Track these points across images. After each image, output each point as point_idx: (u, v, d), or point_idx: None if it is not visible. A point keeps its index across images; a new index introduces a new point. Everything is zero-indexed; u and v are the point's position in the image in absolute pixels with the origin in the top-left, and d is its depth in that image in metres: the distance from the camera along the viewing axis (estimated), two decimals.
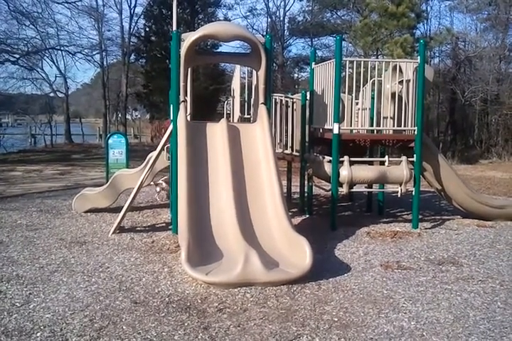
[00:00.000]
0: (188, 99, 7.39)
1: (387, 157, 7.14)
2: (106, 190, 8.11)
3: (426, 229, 7.21)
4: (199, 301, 4.30)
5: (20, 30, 24.14)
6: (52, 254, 5.71)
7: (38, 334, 3.62)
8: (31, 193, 10.18)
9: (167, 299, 4.34)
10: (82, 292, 4.48)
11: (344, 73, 7.12)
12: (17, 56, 24.98)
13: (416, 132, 7.10)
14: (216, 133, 6.47)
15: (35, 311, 4.04)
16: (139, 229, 7.06)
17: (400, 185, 7.04)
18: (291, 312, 4.07)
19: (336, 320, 3.94)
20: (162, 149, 7.19)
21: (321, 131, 7.56)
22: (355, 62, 7.23)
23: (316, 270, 4.93)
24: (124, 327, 3.74)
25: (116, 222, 6.78)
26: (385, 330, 3.76)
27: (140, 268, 5.22)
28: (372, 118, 7.31)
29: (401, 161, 7.08)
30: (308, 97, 7.97)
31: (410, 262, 5.56)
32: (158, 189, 8.97)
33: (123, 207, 6.89)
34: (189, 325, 3.80)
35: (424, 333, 3.72)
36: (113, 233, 6.68)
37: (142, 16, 29.56)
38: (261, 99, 6.70)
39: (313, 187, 8.10)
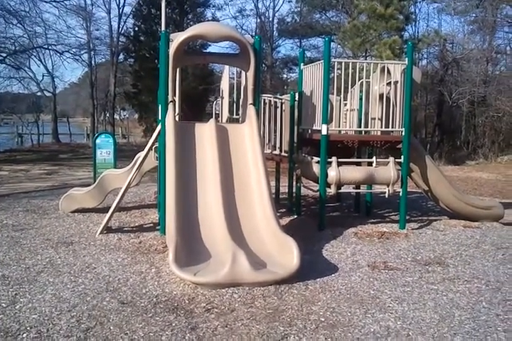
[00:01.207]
0: (177, 99, 7.38)
1: (374, 158, 7.19)
2: (93, 190, 8.07)
3: (413, 229, 7.26)
4: (186, 301, 4.30)
5: (7, 29, 24.00)
6: (38, 255, 5.68)
7: (25, 335, 3.60)
8: (18, 193, 10.12)
9: (154, 299, 4.33)
10: (69, 292, 4.46)
11: (333, 74, 7.13)
12: (4, 55, 24.80)
13: (403, 133, 7.15)
14: (205, 133, 6.47)
15: (22, 312, 4.01)
16: (126, 229, 7.03)
17: (388, 186, 7.09)
18: (278, 312, 4.09)
19: (323, 320, 3.96)
20: (150, 149, 7.18)
21: (309, 131, 7.59)
22: (343, 63, 7.26)
23: (304, 270, 4.95)
24: (111, 328, 3.73)
25: (104, 222, 6.75)
26: (372, 330, 3.78)
27: (127, 268, 5.21)
28: (360, 120, 7.34)
29: (388, 162, 7.12)
30: (297, 98, 7.99)
31: (397, 262, 5.60)
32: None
33: (110, 207, 6.87)
34: (176, 326, 3.80)
35: (410, 333, 3.75)
36: (100, 233, 6.66)
37: (131, 16, 29.53)
38: (250, 100, 6.71)
39: (302, 187, 8.12)
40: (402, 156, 7.16)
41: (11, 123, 36.91)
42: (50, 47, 27.98)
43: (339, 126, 7.47)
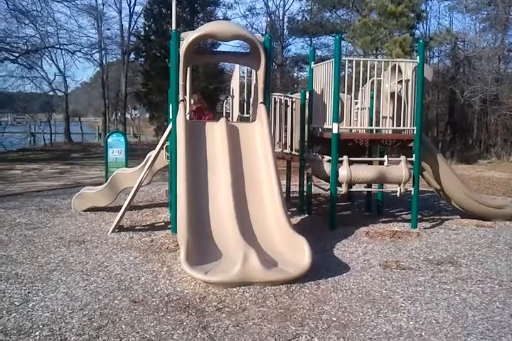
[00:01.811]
0: (188, 98, 7.38)
1: (386, 157, 7.14)
2: (105, 189, 8.10)
3: (425, 228, 7.21)
4: (198, 300, 4.29)
5: (19, 29, 24.14)
6: (51, 253, 5.70)
7: (37, 333, 3.61)
8: (30, 192, 10.18)
9: (166, 298, 4.33)
10: (81, 291, 4.47)
11: (343, 72, 7.11)
12: (16, 54, 24.97)
13: (415, 132, 7.10)
14: (215, 132, 6.47)
15: (34, 310, 4.03)
16: (138, 228, 7.05)
17: (399, 185, 7.04)
18: (289, 312, 4.07)
19: (334, 319, 3.94)
20: (161, 148, 7.19)
21: (320, 130, 7.56)
22: (354, 62, 7.22)
23: (315, 269, 4.93)
24: (122, 326, 3.74)
25: (116, 220, 6.77)
26: (384, 330, 3.75)
27: (139, 267, 5.22)
28: (371, 118, 7.30)
29: (400, 161, 7.08)
30: (307, 97, 7.97)
31: (409, 262, 5.56)
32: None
33: (122, 206, 6.89)
34: (188, 324, 3.79)
35: (422, 333, 3.72)
36: (112, 232, 6.68)
37: (142, 15, 29.57)
38: (260, 99, 6.70)
39: (313, 186, 8.10)
40: (414, 155, 7.11)
41: (23, 123, 37.19)
42: (61, 47, 28.16)
43: (350, 125, 7.44)
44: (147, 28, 28.12)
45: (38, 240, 6.28)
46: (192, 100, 8.29)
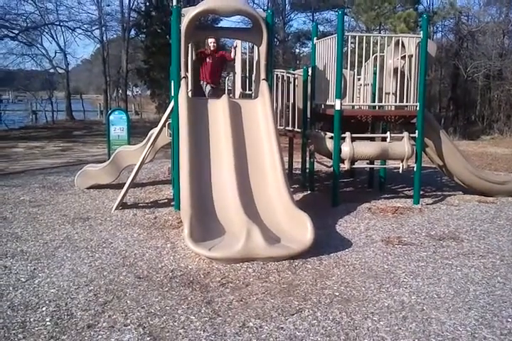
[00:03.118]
0: (189, 75, 7.32)
1: (388, 133, 7.11)
2: (108, 167, 8.11)
3: (427, 204, 7.23)
4: (202, 276, 4.34)
5: (18, 6, 23.95)
6: (55, 230, 5.74)
7: (44, 308, 3.66)
8: (33, 170, 10.20)
9: (170, 274, 4.38)
10: (86, 267, 4.51)
11: (346, 48, 7.02)
12: (16, 32, 24.77)
13: (418, 108, 7.05)
14: (218, 109, 6.43)
15: (40, 286, 4.07)
16: (141, 205, 7.08)
17: (402, 161, 7.03)
18: (292, 287, 4.11)
19: (337, 294, 3.98)
20: (163, 126, 7.16)
21: (322, 107, 7.51)
22: (357, 37, 7.16)
23: (318, 245, 4.97)
24: (128, 302, 3.78)
25: (119, 198, 6.79)
26: (386, 305, 3.79)
27: (143, 243, 5.26)
28: (374, 94, 7.25)
29: (403, 137, 7.05)
30: (309, 73, 7.90)
31: (411, 237, 5.59)
32: None
33: (125, 183, 6.90)
34: (192, 300, 3.84)
35: (424, 307, 3.76)
36: (116, 209, 6.71)
37: None
38: (262, 75, 6.65)
39: (315, 163, 8.09)
40: (417, 131, 7.08)
41: (24, 101, 36.98)
42: (61, 24, 27.94)
43: (353, 101, 7.38)
44: (147, 4, 27.71)
45: (42, 217, 6.32)
46: (211, 43, 7.94)
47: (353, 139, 6.93)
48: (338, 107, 6.81)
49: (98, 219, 6.28)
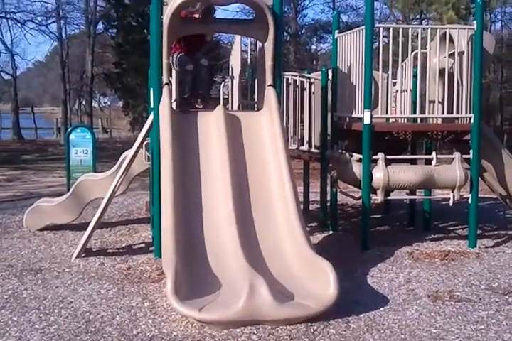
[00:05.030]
0: (174, 80, 7.41)
1: (434, 154, 7.14)
2: (67, 201, 8.13)
3: (487, 247, 7.21)
4: None
5: None
6: None
7: None
8: None
9: None
10: (38, 335, 4.49)
11: (377, 44, 7.12)
12: None
13: (472, 120, 7.10)
14: (210, 124, 6.49)
15: None
16: (110, 251, 7.08)
17: (452, 191, 7.04)
18: None
19: None
20: (140, 147, 7.20)
21: (347, 120, 7.58)
22: (391, 30, 7.24)
23: (344, 303, 4.94)
24: None
25: (81, 242, 6.80)
26: None
27: (113, 302, 5.24)
28: (414, 103, 7.31)
29: (453, 159, 7.08)
30: (330, 76, 7.98)
31: (466, 291, 5.57)
32: None
33: (90, 223, 6.92)
34: None
35: None
36: (77, 257, 6.71)
37: None
38: (268, 80, 6.72)
39: (338, 194, 8.11)
40: (471, 151, 7.11)
41: None
42: (7, 16, 28.31)
43: (387, 113, 7.45)
44: None
45: None
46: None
47: (387, 162, 6.96)
48: (367, 121, 6.86)
49: (54, 270, 6.28)
